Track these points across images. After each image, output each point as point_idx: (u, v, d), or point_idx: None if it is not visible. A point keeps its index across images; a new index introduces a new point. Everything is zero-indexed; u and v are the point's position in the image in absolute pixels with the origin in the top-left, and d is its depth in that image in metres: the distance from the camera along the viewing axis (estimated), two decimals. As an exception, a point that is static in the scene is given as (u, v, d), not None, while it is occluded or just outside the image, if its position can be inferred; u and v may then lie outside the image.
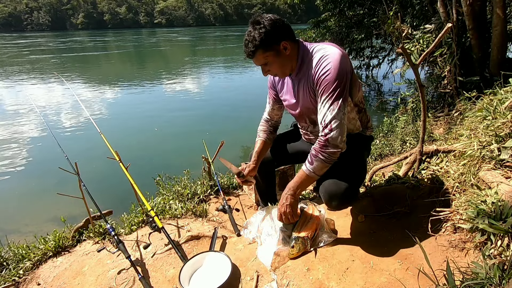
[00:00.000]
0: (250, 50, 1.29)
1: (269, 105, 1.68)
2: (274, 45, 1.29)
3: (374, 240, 1.55)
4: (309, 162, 1.32)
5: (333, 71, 1.26)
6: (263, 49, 1.29)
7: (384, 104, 6.45)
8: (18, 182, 3.98)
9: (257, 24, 1.27)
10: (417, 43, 3.40)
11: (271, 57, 1.31)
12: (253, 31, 1.28)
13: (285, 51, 1.31)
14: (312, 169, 1.32)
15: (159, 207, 2.09)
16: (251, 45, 1.28)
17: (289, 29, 1.32)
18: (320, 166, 1.31)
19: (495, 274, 0.99)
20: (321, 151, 1.29)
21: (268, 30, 1.26)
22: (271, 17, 1.29)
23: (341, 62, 1.27)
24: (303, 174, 1.35)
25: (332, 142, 1.28)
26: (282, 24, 1.30)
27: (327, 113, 1.28)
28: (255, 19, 1.29)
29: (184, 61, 16.25)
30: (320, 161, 1.30)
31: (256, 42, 1.27)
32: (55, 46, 26.44)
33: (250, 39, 1.28)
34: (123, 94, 8.80)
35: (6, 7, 67.53)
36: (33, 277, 1.65)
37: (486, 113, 1.87)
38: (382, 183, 2.11)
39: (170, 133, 5.63)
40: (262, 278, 1.40)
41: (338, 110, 1.27)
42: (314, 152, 1.31)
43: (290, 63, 1.36)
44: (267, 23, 1.26)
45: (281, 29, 1.29)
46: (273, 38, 1.28)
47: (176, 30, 54.52)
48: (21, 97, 8.44)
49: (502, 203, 1.22)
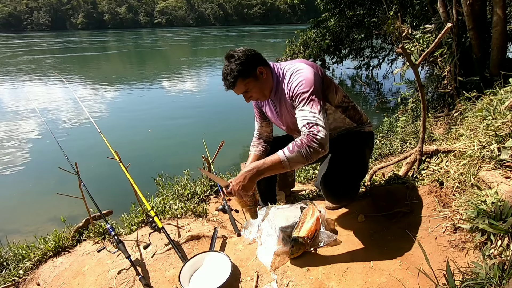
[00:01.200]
0: (230, 81, 1.39)
1: (257, 123, 1.76)
2: (252, 72, 1.40)
3: (374, 240, 1.55)
4: (289, 150, 1.23)
5: (304, 82, 1.34)
6: (242, 78, 1.38)
7: (384, 104, 6.45)
8: (18, 182, 3.98)
9: (231, 58, 1.38)
10: (417, 43, 3.40)
11: (251, 83, 1.41)
12: (229, 64, 1.38)
13: (262, 76, 1.42)
14: (289, 158, 1.22)
15: (159, 207, 2.09)
16: (230, 77, 1.38)
17: (260, 56, 1.44)
18: (298, 159, 1.23)
19: (495, 274, 0.99)
20: (308, 145, 1.22)
21: (243, 61, 1.37)
22: (243, 49, 1.41)
23: (310, 74, 1.36)
24: (277, 159, 1.24)
25: (320, 141, 1.23)
26: (254, 52, 1.42)
27: (309, 115, 1.27)
28: (229, 53, 1.40)
29: (184, 61, 16.25)
30: (301, 155, 1.22)
31: (234, 73, 1.37)
32: (50, 46, 26.42)
33: (228, 71, 1.38)
34: (123, 94, 8.80)
35: (6, 7, 67.53)
36: (33, 277, 1.65)
37: (486, 113, 1.87)
38: (382, 183, 2.11)
39: (170, 133, 5.62)
40: (262, 278, 1.40)
41: (319, 111, 1.28)
42: (300, 143, 1.23)
43: (268, 86, 1.46)
44: (241, 54, 1.38)
45: (254, 57, 1.41)
46: (249, 66, 1.38)
47: (176, 30, 54.54)
48: (21, 97, 8.44)
49: (502, 203, 1.22)
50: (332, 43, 8.00)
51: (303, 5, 10.80)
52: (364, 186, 2.11)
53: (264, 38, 31.71)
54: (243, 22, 76.92)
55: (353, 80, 9.51)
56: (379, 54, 8.72)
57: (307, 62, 1.45)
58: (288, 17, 78.31)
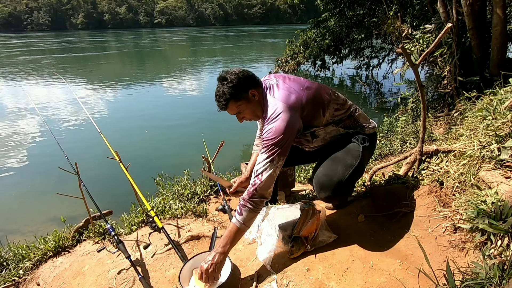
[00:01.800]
0: (222, 103, 1.42)
1: (259, 123, 1.78)
2: (244, 94, 1.42)
3: (374, 240, 1.55)
4: (239, 213, 1.36)
5: (273, 131, 1.34)
6: (234, 100, 1.41)
7: (384, 104, 6.45)
8: (18, 182, 3.98)
9: (224, 80, 1.40)
10: (417, 43, 3.40)
11: (243, 105, 1.44)
12: (222, 86, 1.40)
13: (254, 98, 1.44)
14: (242, 220, 1.35)
15: (159, 207, 2.09)
16: (222, 99, 1.41)
17: (253, 78, 1.44)
18: (249, 216, 1.35)
19: (495, 274, 0.99)
20: (249, 200, 1.35)
21: (235, 84, 1.39)
22: (236, 71, 1.42)
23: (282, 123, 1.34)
24: (234, 227, 1.36)
25: (259, 192, 1.34)
26: (246, 75, 1.43)
27: (260, 164, 1.35)
28: (222, 76, 1.42)
29: (184, 61, 16.25)
30: (249, 211, 1.35)
31: (226, 96, 1.39)
32: (47, 46, 26.41)
33: (221, 94, 1.41)
34: (123, 94, 8.80)
35: (6, 7, 67.51)
36: (33, 277, 1.65)
37: (486, 113, 1.87)
38: (382, 183, 2.11)
39: (170, 133, 5.63)
40: (262, 278, 1.40)
41: (271, 164, 1.34)
42: (243, 202, 1.36)
43: (260, 107, 1.47)
44: (233, 77, 1.39)
45: (246, 80, 1.42)
46: (241, 89, 1.40)
47: (176, 30, 54.53)
48: (21, 97, 8.45)
49: (502, 203, 1.22)
50: (332, 43, 8.01)
51: (303, 5, 10.79)
52: (364, 186, 2.11)
53: (264, 38, 31.72)
54: (243, 22, 76.89)
55: (353, 80, 9.51)
56: (379, 54, 8.72)
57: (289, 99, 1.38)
58: (288, 17, 78.29)
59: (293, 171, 2.20)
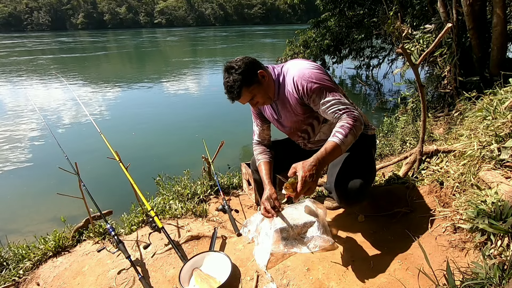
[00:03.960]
0: (235, 92, 1.38)
1: (258, 128, 1.70)
2: (254, 78, 1.40)
3: (374, 240, 1.55)
4: (343, 134, 1.26)
5: (313, 76, 1.36)
6: (247, 86, 1.38)
7: (384, 104, 6.44)
8: (18, 182, 3.98)
9: (231, 69, 1.38)
10: (417, 43, 3.40)
11: (256, 89, 1.41)
12: (230, 75, 1.38)
13: (264, 79, 1.42)
14: (344, 141, 1.26)
15: (159, 207, 2.09)
16: (236, 87, 1.37)
17: (257, 61, 1.44)
18: (350, 140, 1.28)
19: (495, 274, 0.99)
20: (354, 125, 1.28)
21: (243, 69, 1.37)
22: (239, 58, 1.41)
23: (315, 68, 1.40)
24: (336, 145, 1.25)
25: (359, 119, 1.31)
26: (251, 59, 1.42)
27: (335, 102, 1.34)
28: (228, 65, 1.40)
29: (184, 61, 16.24)
30: (352, 135, 1.28)
31: (238, 83, 1.37)
32: (41, 47, 26.41)
33: (232, 83, 1.37)
34: (123, 94, 8.80)
35: (6, 7, 67.49)
36: (33, 277, 1.65)
37: (486, 113, 1.87)
38: (382, 183, 2.11)
39: (170, 133, 5.62)
40: (262, 278, 1.40)
41: (341, 97, 1.36)
42: (347, 126, 1.27)
43: (271, 88, 1.46)
44: (240, 63, 1.38)
45: (252, 63, 1.41)
46: (251, 73, 1.39)
47: (176, 30, 54.52)
48: (21, 97, 8.44)
49: (502, 203, 1.22)
50: (332, 43, 7.99)
51: (303, 5, 10.78)
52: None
53: (264, 38, 31.72)
54: (243, 22, 76.84)
55: (353, 80, 9.50)
56: (379, 54, 8.71)
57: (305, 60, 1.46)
58: (288, 17, 78.23)
59: (293, 171, 2.19)
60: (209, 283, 1.36)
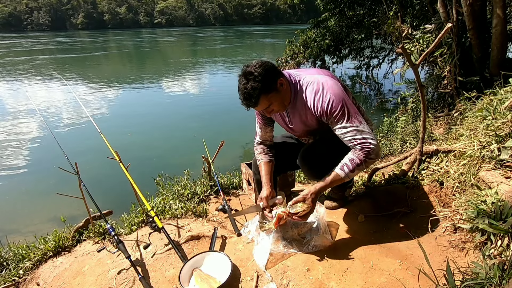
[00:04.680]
0: (253, 99, 1.33)
1: (260, 130, 1.69)
2: (273, 85, 1.35)
3: (374, 240, 1.55)
4: (350, 169, 1.32)
5: (335, 98, 1.33)
6: (265, 93, 1.33)
7: (384, 104, 6.44)
8: (18, 182, 3.98)
9: (250, 75, 1.31)
10: (417, 43, 3.40)
11: (274, 97, 1.37)
12: (249, 81, 1.31)
13: (282, 87, 1.38)
14: (349, 174, 1.34)
15: (159, 207, 2.09)
16: (254, 94, 1.31)
17: (276, 68, 1.38)
18: (356, 172, 1.34)
19: (495, 274, 0.99)
20: (364, 159, 1.31)
21: (263, 76, 1.31)
22: (259, 63, 1.34)
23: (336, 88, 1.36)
24: (339, 178, 1.35)
25: (374, 152, 1.31)
26: (271, 65, 1.36)
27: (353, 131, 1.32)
28: (247, 70, 1.32)
29: (183, 61, 16.24)
30: (360, 169, 1.33)
31: (257, 91, 1.31)
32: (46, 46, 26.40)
33: (250, 90, 1.31)
34: (123, 94, 8.80)
35: (6, 7, 67.47)
36: (33, 277, 1.65)
37: (486, 113, 1.87)
38: (382, 183, 2.11)
39: (170, 133, 5.63)
40: (262, 278, 1.40)
41: (360, 124, 1.33)
42: (358, 161, 1.31)
43: (288, 96, 1.43)
44: (260, 70, 1.31)
45: (272, 70, 1.35)
46: (270, 81, 1.33)
47: (176, 30, 54.50)
48: (21, 97, 8.44)
49: (502, 203, 1.22)
50: (332, 43, 7.99)
51: (303, 5, 10.77)
52: (364, 186, 2.11)
53: (264, 38, 31.71)
54: (243, 22, 76.82)
55: (353, 80, 9.50)
56: (379, 54, 8.71)
57: (325, 73, 1.42)
58: (288, 17, 78.20)
59: (293, 171, 2.20)
60: (209, 283, 1.36)
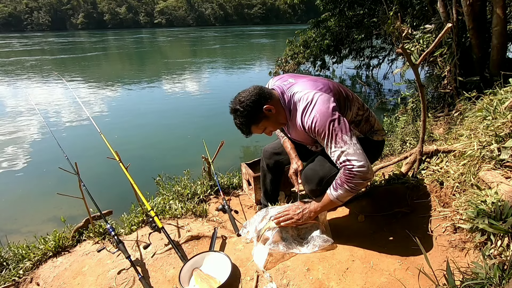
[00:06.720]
0: (245, 132, 1.45)
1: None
2: (260, 115, 1.40)
3: (374, 240, 1.55)
4: (334, 188, 1.35)
5: (318, 118, 1.30)
6: (255, 124, 1.42)
7: (384, 104, 6.44)
8: (18, 182, 3.98)
9: (236, 112, 1.40)
10: (417, 43, 3.40)
11: (265, 123, 1.44)
12: (237, 118, 1.42)
13: (271, 112, 1.41)
14: (336, 196, 1.36)
15: (159, 207, 2.09)
16: (244, 128, 1.44)
17: (262, 93, 1.39)
18: (344, 195, 1.34)
19: (495, 274, 0.99)
20: (347, 181, 1.30)
21: (248, 111, 1.37)
22: (243, 97, 1.38)
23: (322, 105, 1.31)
24: (327, 199, 1.39)
25: (358, 174, 1.27)
26: (255, 95, 1.38)
27: (337, 151, 1.30)
28: (232, 108, 1.41)
29: (183, 61, 16.24)
30: (345, 191, 1.32)
31: (245, 125, 1.42)
32: (45, 46, 26.41)
33: (239, 125, 1.43)
34: (123, 94, 8.80)
35: (6, 7, 67.45)
36: (33, 277, 1.65)
37: (486, 113, 1.87)
38: (382, 183, 2.11)
39: (170, 133, 5.63)
40: (262, 278, 1.40)
41: (345, 144, 1.28)
42: (340, 182, 1.32)
43: (282, 116, 1.45)
44: (244, 105, 1.37)
45: (256, 101, 1.38)
46: (256, 112, 1.39)
47: (176, 30, 54.50)
48: (21, 97, 8.44)
49: (502, 203, 1.22)
50: (332, 43, 8.00)
51: (303, 5, 10.76)
52: (364, 186, 2.11)
53: (264, 38, 31.71)
54: (243, 22, 76.79)
55: (353, 80, 9.51)
56: (379, 54, 8.71)
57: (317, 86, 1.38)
58: (288, 17, 78.16)
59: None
60: (209, 283, 1.36)
